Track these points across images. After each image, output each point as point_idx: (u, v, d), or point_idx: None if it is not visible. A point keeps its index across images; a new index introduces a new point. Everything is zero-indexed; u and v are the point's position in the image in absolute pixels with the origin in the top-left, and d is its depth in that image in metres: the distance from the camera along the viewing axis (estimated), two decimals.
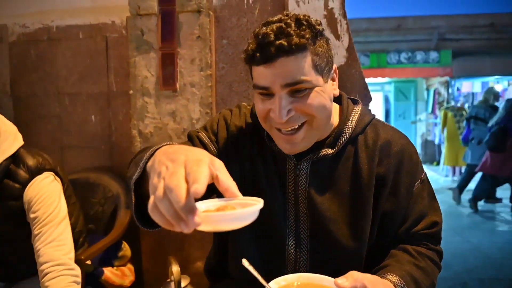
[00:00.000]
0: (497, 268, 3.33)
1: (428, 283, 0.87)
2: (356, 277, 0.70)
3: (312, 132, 0.84)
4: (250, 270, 0.73)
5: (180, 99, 1.69)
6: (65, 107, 2.07)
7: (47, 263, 1.12)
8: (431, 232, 0.93)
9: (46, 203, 1.18)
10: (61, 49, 2.04)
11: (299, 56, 0.76)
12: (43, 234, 1.15)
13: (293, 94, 0.79)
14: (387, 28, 9.44)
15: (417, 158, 0.95)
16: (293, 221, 0.93)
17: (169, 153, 0.56)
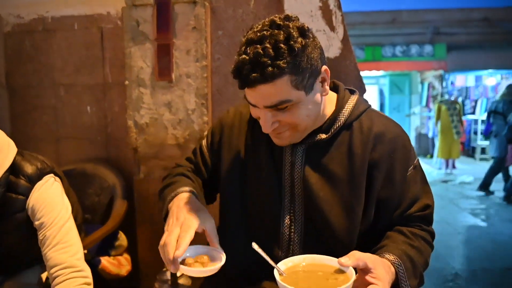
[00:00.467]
0: (489, 259, 3.38)
1: (422, 261, 0.92)
2: (358, 256, 0.75)
3: (298, 134, 0.91)
4: (260, 252, 0.79)
5: (175, 89, 1.70)
6: (61, 98, 2.07)
7: (54, 267, 1.10)
8: (424, 214, 0.98)
9: (49, 208, 1.16)
10: (56, 40, 2.04)
11: (276, 82, 0.79)
12: (48, 238, 1.12)
13: (277, 110, 0.85)
14: (382, 21, 9.43)
15: (410, 145, 0.98)
16: (288, 202, 0.97)
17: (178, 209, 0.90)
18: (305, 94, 0.84)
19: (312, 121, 0.90)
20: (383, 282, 0.76)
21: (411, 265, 0.87)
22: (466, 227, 4.32)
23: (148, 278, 1.83)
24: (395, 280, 0.82)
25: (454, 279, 2.92)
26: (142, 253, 1.85)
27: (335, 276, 0.75)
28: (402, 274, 0.83)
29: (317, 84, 0.87)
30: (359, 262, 0.75)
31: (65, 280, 1.08)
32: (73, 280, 1.09)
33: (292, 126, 0.88)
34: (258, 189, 1.00)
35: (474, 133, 10.23)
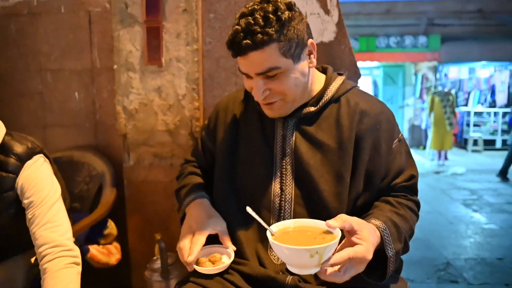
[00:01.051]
0: (481, 248, 3.40)
1: (407, 227, 0.97)
2: (344, 218, 0.80)
3: (287, 105, 0.98)
4: (254, 215, 0.87)
5: (165, 74, 1.65)
6: (47, 84, 2.01)
7: (43, 246, 1.09)
8: (409, 184, 1.03)
9: (38, 187, 1.15)
10: (42, 24, 1.97)
11: (265, 49, 0.88)
12: (37, 217, 1.12)
13: (267, 78, 0.92)
14: (377, 12, 9.40)
15: (394, 120, 1.06)
16: (278, 172, 1.03)
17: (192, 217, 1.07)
18: (293, 63, 0.92)
19: (300, 92, 0.98)
20: (367, 242, 0.80)
21: (395, 230, 0.91)
22: (458, 217, 4.34)
23: (138, 267, 1.80)
24: (380, 244, 0.87)
25: (446, 268, 2.94)
26: (132, 242, 1.82)
27: (323, 236, 0.80)
28: (387, 238, 0.88)
29: (304, 55, 0.95)
30: (345, 224, 0.80)
31: (54, 259, 1.07)
32: (62, 259, 1.08)
33: (281, 95, 0.96)
34: (249, 162, 1.06)
35: (466, 125, 10.30)
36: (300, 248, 0.74)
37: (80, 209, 1.82)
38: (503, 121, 10.12)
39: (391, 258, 0.88)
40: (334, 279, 0.78)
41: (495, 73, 11.02)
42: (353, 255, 0.78)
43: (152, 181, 1.76)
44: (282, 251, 0.76)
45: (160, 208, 1.77)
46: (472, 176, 6.64)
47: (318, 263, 0.75)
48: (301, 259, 0.75)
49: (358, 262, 0.79)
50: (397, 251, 0.89)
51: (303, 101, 1.03)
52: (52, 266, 1.07)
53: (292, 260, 0.77)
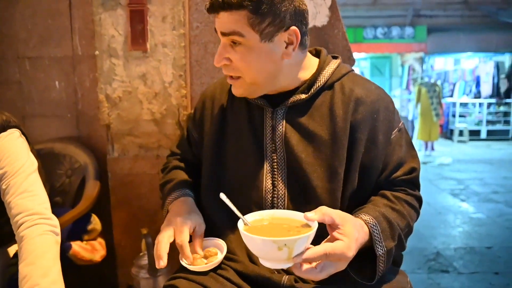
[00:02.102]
0: (470, 237, 3.43)
1: (403, 224, 0.90)
2: (324, 211, 0.75)
3: (249, 86, 0.92)
4: (227, 203, 0.82)
5: (151, 60, 1.57)
6: (26, 73, 1.91)
7: (20, 214, 1.03)
8: (409, 178, 0.96)
9: (13, 158, 1.10)
10: (19, 8, 1.86)
11: (233, 12, 0.84)
12: (12, 186, 1.06)
13: (232, 45, 0.87)
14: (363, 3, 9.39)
15: (393, 107, 0.98)
16: (269, 166, 0.96)
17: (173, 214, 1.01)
18: (259, 39, 0.86)
19: (263, 77, 0.90)
20: (349, 238, 0.74)
21: (388, 226, 0.85)
22: (446, 207, 4.38)
23: (124, 263, 1.74)
24: (370, 241, 0.81)
25: (436, 258, 2.94)
26: (117, 237, 1.76)
27: (298, 229, 0.75)
28: (377, 235, 0.82)
29: (278, 39, 0.87)
30: (325, 217, 0.75)
31: (32, 226, 1.01)
32: (40, 226, 1.02)
33: (241, 72, 0.90)
34: (238, 155, 0.99)
35: (452, 116, 10.43)
36: (267, 239, 0.69)
37: (62, 204, 1.74)
38: (488, 112, 10.28)
39: (381, 257, 0.82)
40: (309, 276, 0.74)
41: (479, 64, 11.16)
42: (330, 251, 0.72)
43: (138, 173, 1.69)
44: (251, 242, 0.72)
45: (146, 201, 1.70)
46: (458, 166, 6.72)
47: (289, 257, 0.70)
48: (269, 252, 0.70)
49: (336, 259, 0.74)
50: (389, 249, 0.83)
51: (291, 87, 0.95)
52: (29, 233, 1.01)
53: (261, 252, 0.73)
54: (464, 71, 11.62)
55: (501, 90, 10.57)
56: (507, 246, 3.19)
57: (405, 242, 0.91)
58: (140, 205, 1.71)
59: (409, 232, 0.94)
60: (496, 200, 4.58)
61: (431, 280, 2.59)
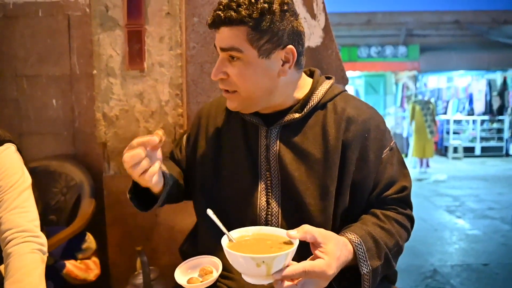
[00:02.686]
0: (466, 254, 3.42)
1: (392, 244, 0.90)
2: (306, 229, 0.76)
3: (244, 101, 0.93)
4: (213, 219, 0.82)
5: (148, 79, 1.59)
6: (24, 91, 1.92)
7: (10, 230, 1.03)
8: (400, 196, 0.96)
9: (9, 173, 1.10)
10: (18, 28, 1.89)
11: (233, 28, 0.86)
12: (5, 201, 1.06)
13: (230, 60, 0.89)
14: (357, 22, 9.58)
15: (385, 126, 1.00)
16: (264, 184, 0.97)
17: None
18: (258, 55, 0.88)
19: (258, 93, 0.92)
20: (330, 257, 0.75)
21: (374, 245, 0.85)
22: (442, 223, 4.37)
23: (119, 283, 1.72)
24: (354, 259, 0.82)
25: (433, 275, 2.93)
26: (112, 256, 1.74)
27: (281, 246, 0.76)
28: (362, 254, 0.83)
29: (275, 57, 0.89)
30: (306, 235, 0.75)
31: (21, 243, 1.01)
32: (29, 244, 1.03)
33: (237, 86, 0.91)
34: (233, 173, 1.00)
35: (446, 133, 10.51)
36: (245, 256, 0.71)
37: (57, 222, 1.73)
38: (482, 129, 10.38)
39: (366, 276, 0.82)
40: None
41: (472, 82, 11.32)
42: (309, 268, 0.72)
43: None
44: (232, 257, 0.73)
45: (141, 220, 1.69)
46: (453, 182, 6.74)
47: (267, 273, 0.71)
48: (249, 268, 0.72)
49: (316, 276, 0.74)
50: (374, 268, 0.83)
51: (285, 105, 0.97)
52: (18, 250, 1.01)
53: (242, 268, 0.74)
54: (457, 89, 11.78)
55: (493, 107, 10.71)
56: (504, 263, 3.18)
57: (393, 262, 0.91)
58: (135, 224, 1.70)
59: (398, 251, 0.93)
60: (492, 217, 4.59)
61: None
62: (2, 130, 1.17)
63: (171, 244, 1.68)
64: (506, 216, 4.59)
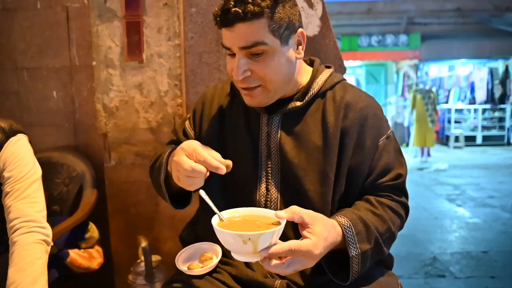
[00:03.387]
0: (466, 242, 3.44)
1: (383, 229, 0.91)
2: (294, 210, 0.78)
3: (268, 93, 0.92)
4: (205, 199, 0.84)
5: (147, 70, 1.60)
6: (24, 83, 1.94)
7: (18, 219, 1.07)
8: (395, 183, 0.97)
9: (22, 163, 1.14)
10: (17, 20, 1.90)
11: (254, 22, 0.83)
12: (16, 190, 1.10)
13: (251, 56, 0.87)
14: (358, 11, 9.49)
15: (382, 114, 1.01)
16: (264, 171, 0.98)
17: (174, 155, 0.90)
18: (280, 44, 0.87)
19: (283, 81, 0.92)
20: (317, 237, 0.77)
21: (365, 229, 0.87)
22: (443, 212, 4.39)
23: (121, 271, 1.75)
24: (343, 242, 0.84)
25: (433, 263, 2.95)
26: (114, 245, 1.77)
27: (268, 226, 0.78)
28: (351, 237, 0.84)
29: (292, 41, 0.90)
30: (294, 215, 0.77)
31: (27, 232, 1.05)
32: (35, 234, 1.07)
33: (262, 80, 0.89)
34: (235, 159, 0.99)
35: (448, 122, 10.49)
36: (232, 233, 0.73)
37: (60, 212, 1.75)
38: (483, 117, 10.35)
39: (355, 258, 0.84)
40: (277, 270, 0.76)
41: (474, 70, 11.26)
42: (295, 247, 0.74)
43: (134, 181, 1.71)
44: (220, 235, 0.76)
45: (143, 209, 1.72)
46: (454, 171, 6.75)
47: (254, 250, 0.74)
48: (236, 245, 0.74)
49: (302, 255, 0.76)
50: (363, 251, 0.85)
51: (288, 94, 0.98)
52: (23, 239, 1.05)
53: (230, 245, 0.77)
54: (459, 77, 11.72)
55: (495, 96, 10.66)
56: (503, 250, 3.21)
57: (384, 247, 0.92)
58: (137, 213, 1.73)
59: (390, 238, 0.94)
60: (492, 205, 4.60)
61: (428, 285, 2.60)
62: (14, 122, 1.20)
63: (172, 232, 1.71)
64: (506, 204, 4.61)
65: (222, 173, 0.84)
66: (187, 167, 0.82)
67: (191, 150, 0.84)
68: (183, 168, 0.83)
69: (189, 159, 0.84)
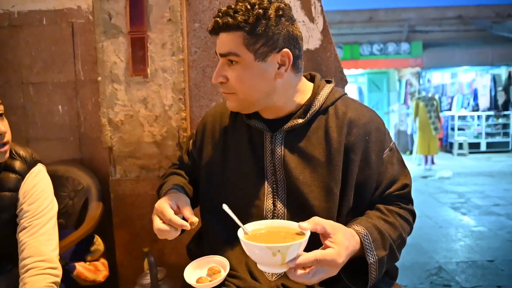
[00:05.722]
0: (472, 251, 3.42)
1: (395, 236, 0.94)
2: (316, 221, 0.80)
3: (242, 102, 0.97)
4: (229, 213, 0.86)
5: (151, 85, 1.62)
6: (30, 98, 1.97)
7: (31, 258, 1.08)
8: (402, 193, 1.01)
9: (42, 196, 1.15)
10: (23, 36, 1.93)
11: (231, 33, 0.91)
12: (34, 227, 1.11)
13: (228, 64, 0.94)
14: (359, 20, 9.57)
15: (384, 128, 1.04)
16: (270, 188, 1.01)
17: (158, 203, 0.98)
18: (254, 59, 0.92)
19: (256, 95, 0.96)
20: (339, 246, 0.79)
21: (380, 237, 0.90)
22: (447, 220, 4.37)
23: (127, 283, 1.76)
24: (361, 250, 0.86)
25: (438, 272, 2.94)
26: (120, 257, 1.78)
27: (293, 237, 0.80)
28: (368, 244, 0.87)
29: (271, 60, 0.93)
30: (317, 226, 0.80)
31: (39, 274, 1.06)
32: (46, 277, 1.07)
33: (235, 89, 0.95)
34: (240, 177, 1.03)
35: (451, 129, 10.46)
36: (262, 246, 0.75)
37: (66, 225, 1.77)
38: (487, 124, 10.31)
39: (372, 265, 0.87)
40: (303, 280, 0.78)
41: (477, 77, 11.25)
42: (320, 257, 0.77)
43: (139, 194, 1.72)
44: (249, 248, 0.78)
45: (148, 221, 1.71)
46: (459, 179, 6.72)
47: (282, 262, 0.75)
48: (265, 257, 0.76)
49: (327, 265, 0.78)
50: (380, 258, 0.88)
51: (289, 111, 1.00)
52: (34, 282, 1.05)
53: (258, 257, 0.78)
54: (462, 84, 11.71)
55: (498, 103, 10.63)
56: (510, 259, 3.18)
57: (397, 253, 0.94)
58: (142, 225, 1.74)
59: (402, 243, 0.97)
60: (498, 213, 4.58)
61: None
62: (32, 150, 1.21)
63: (177, 245, 1.71)
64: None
65: (187, 229, 0.92)
66: (155, 229, 0.93)
67: (159, 212, 0.94)
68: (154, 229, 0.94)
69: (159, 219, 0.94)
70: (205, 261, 1.00)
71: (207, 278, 0.95)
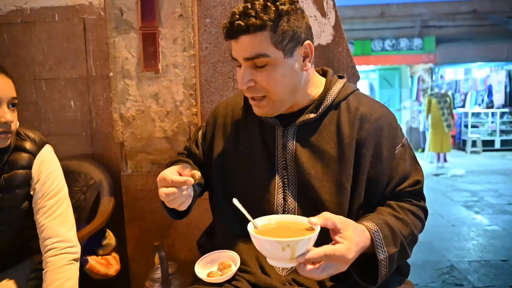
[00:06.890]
0: (484, 250, 3.37)
1: (407, 232, 0.93)
2: (327, 216, 0.80)
3: (275, 104, 0.94)
4: (239, 208, 0.85)
5: (162, 80, 1.63)
6: (42, 93, 1.99)
7: (50, 239, 1.13)
8: (414, 189, 1.00)
9: (52, 176, 1.19)
10: (36, 33, 1.95)
11: (257, 34, 0.86)
12: (49, 208, 1.15)
13: (255, 67, 0.90)
14: (371, 15, 9.46)
15: (396, 124, 1.02)
16: (281, 182, 1.00)
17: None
18: (283, 56, 0.89)
19: (287, 93, 0.94)
20: (349, 242, 0.79)
21: (390, 233, 0.88)
22: (460, 219, 4.31)
23: (138, 277, 1.77)
24: (371, 246, 0.85)
25: (450, 271, 2.90)
26: (131, 252, 1.79)
27: (303, 232, 0.80)
28: (379, 240, 0.86)
29: (297, 53, 0.92)
30: (327, 221, 0.79)
31: (58, 254, 1.12)
32: (66, 256, 1.14)
33: (266, 91, 0.92)
34: (251, 171, 1.03)
35: (464, 126, 10.30)
36: (271, 240, 0.74)
37: (78, 220, 1.77)
38: (501, 121, 10.14)
39: (383, 261, 0.86)
40: (312, 275, 0.78)
41: (491, 73, 11.05)
42: (329, 252, 0.76)
43: (151, 189, 1.73)
44: (259, 242, 0.77)
45: (159, 216, 1.74)
46: (472, 177, 6.63)
47: (291, 256, 0.75)
48: (274, 252, 0.76)
49: (336, 260, 0.77)
50: (391, 254, 0.87)
51: (301, 105, 1.00)
52: (56, 261, 1.12)
53: (268, 252, 0.78)
54: (476, 80, 11.52)
55: None
56: None
57: (408, 250, 0.93)
58: (153, 220, 1.75)
59: (413, 240, 0.96)
60: (511, 212, 4.51)
61: None
62: (37, 132, 1.25)
63: (188, 240, 1.72)
64: None
65: (191, 184, 0.89)
66: (161, 195, 0.90)
67: (161, 180, 0.91)
68: (161, 197, 0.91)
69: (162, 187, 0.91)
70: (216, 256, 1.01)
71: (218, 272, 0.95)
